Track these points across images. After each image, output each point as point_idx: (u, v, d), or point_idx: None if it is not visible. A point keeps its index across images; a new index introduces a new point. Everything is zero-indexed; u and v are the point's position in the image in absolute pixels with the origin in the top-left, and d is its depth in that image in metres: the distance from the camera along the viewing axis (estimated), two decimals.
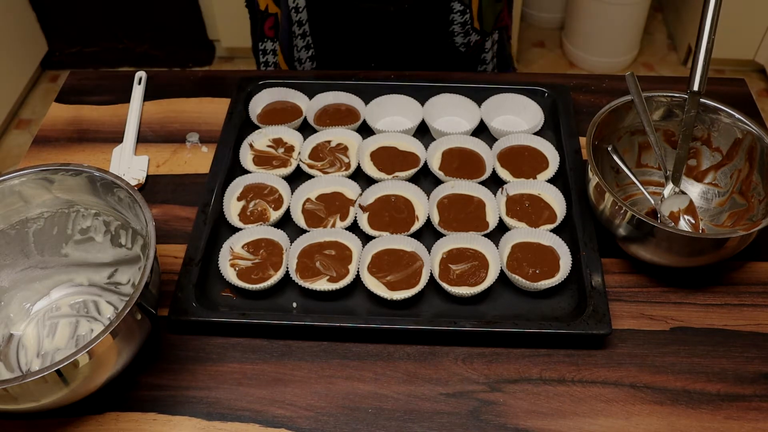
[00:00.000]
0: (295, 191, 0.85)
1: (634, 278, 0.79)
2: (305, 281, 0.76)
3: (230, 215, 0.83)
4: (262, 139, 0.92)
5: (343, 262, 0.78)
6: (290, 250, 0.79)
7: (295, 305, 0.76)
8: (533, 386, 0.70)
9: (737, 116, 0.81)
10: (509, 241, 0.80)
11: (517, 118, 0.96)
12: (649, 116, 0.81)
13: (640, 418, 0.68)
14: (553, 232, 0.80)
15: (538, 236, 0.80)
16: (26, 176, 0.72)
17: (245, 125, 0.95)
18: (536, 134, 0.92)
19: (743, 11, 2.21)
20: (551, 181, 0.86)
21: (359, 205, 0.83)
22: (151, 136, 0.97)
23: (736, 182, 0.83)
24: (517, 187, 0.85)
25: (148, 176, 0.92)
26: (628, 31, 2.40)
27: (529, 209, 0.83)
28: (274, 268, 0.78)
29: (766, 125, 0.86)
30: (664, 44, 2.62)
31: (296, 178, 0.88)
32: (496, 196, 0.84)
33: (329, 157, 0.90)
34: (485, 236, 0.79)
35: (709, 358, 0.72)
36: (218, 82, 1.05)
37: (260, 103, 0.97)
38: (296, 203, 0.84)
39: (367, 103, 0.95)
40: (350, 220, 0.82)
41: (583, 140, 0.90)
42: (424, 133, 0.94)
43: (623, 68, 2.50)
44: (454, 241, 0.79)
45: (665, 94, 0.84)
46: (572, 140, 0.90)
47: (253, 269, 0.78)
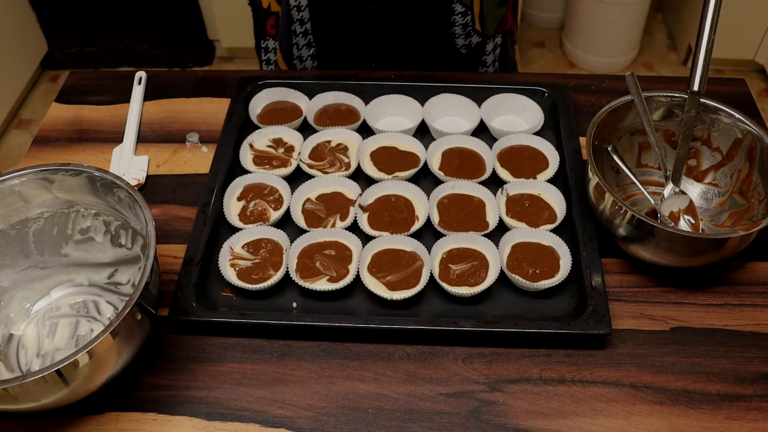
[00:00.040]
0: (295, 191, 0.85)
1: (634, 278, 0.79)
2: (305, 281, 0.76)
3: (230, 215, 0.83)
4: (262, 139, 0.92)
5: (343, 262, 0.78)
6: (290, 250, 0.79)
7: (295, 305, 0.76)
8: (533, 386, 0.70)
9: (737, 116, 0.81)
10: (509, 241, 0.80)
11: (517, 118, 0.96)
12: (649, 116, 0.81)
13: (640, 418, 0.68)
14: (553, 232, 0.80)
15: (538, 236, 0.80)
16: (26, 176, 0.72)
17: (245, 125, 0.95)
18: (536, 134, 0.92)
19: (743, 11, 2.20)
20: (551, 181, 0.86)
21: (359, 205, 0.83)
22: (151, 136, 0.97)
23: (736, 182, 0.83)
24: (517, 187, 0.85)
25: (148, 176, 0.92)
26: (628, 31, 2.40)
27: (529, 209, 0.83)
28: (274, 268, 0.78)
29: (766, 125, 0.85)
30: (664, 44, 2.62)
31: (296, 178, 0.88)
32: (496, 196, 0.84)
33: (329, 157, 0.90)
34: (485, 236, 0.79)
35: (709, 358, 0.72)
36: (218, 82, 1.05)
37: (260, 103, 0.97)
38: (296, 203, 0.84)
39: (367, 103, 0.95)
40: (350, 220, 0.82)
41: (583, 140, 0.90)
42: (424, 133, 0.94)
43: (623, 68, 2.50)
44: (454, 241, 0.79)
45: (665, 94, 0.84)
46: (572, 140, 0.90)
47: (253, 269, 0.78)
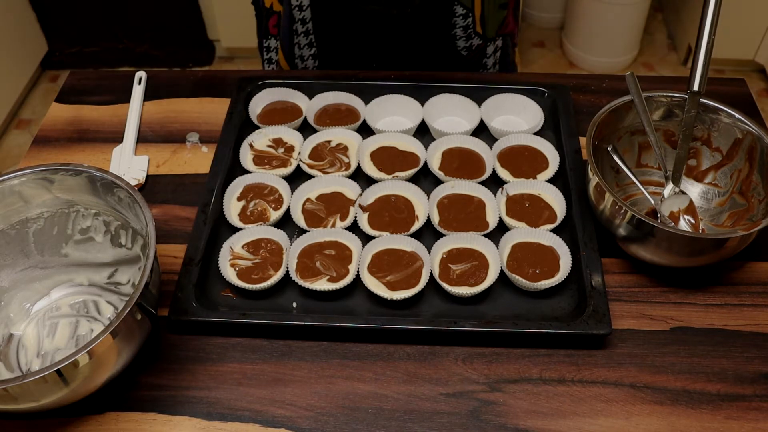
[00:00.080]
0: (295, 191, 0.85)
1: (634, 278, 0.79)
2: (305, 281, 0.76)
3: (230, 215, 0.83)
4: (262, 139, 0.92)
5: (343, 262, 0.78)
6: (290, 250, 0.79)
7: (295, 305, 0.76)
8: (533, 386, 0.70)
9: (737, 116, 0.81)
10: (509, 241, 0.80)
11: (517, 118, 0.96)
12: (649, 116, 0.81)
13: (640, 418, 0.68)
14: (553, 232, 0.80)
15: (538, 236, 0.80)
16: (26, 176, 0.72)
17: (245, 125, 0.95)
18: (536, 134, 0.92)
19: (743, 11, 2.20)
20: (551, 181, 0.86)
21: (359, 205, 0.83)
22: (151, 136, 0.97)
23: (736, 182, 0.83)
24: (517, 187, 0.85)
25: (148, 176, 0.92)
26: (628, 31, 2.40)
27: (529, 209, 0.83)
28: (274, 268, 0.78)
29: (766, 125, 0.86)
30: (664, 44, 2.62)
31: (296, 178, 0.88)
32: (496, 196, 0.84)
33: (329, 157, 0.90)
34: (485, 236, 0.79)
35: (709, 358, 0.72)
36: (218, 82, 1.05)
37: (260, 103, 0.97)
38: (296, 203, 0.84)
39: (367, 103, 0.95)
40: (350, 220, 0.82)
41: (583, 140, 0.90)
42: (424, 133, 0.94)
43: (623, 68, 2.50)
44: (454, 241, 0.79)
45: (665, 94, 0.84)
46: (572, 140, 0.90)
47: (253, 269, 0.78)
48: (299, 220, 0.83)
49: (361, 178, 0.88)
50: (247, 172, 0.89)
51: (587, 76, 1.04)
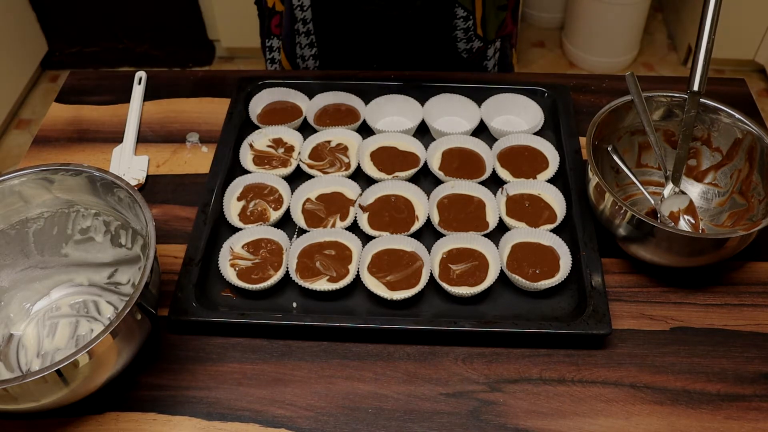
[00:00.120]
0: (295, 191, 0.85)
1: (634, 278, 0.79)
2: (305, 281, 0.76)
3: (230, 215, 0.83)
4: (262, 139, 0.92)
5: (343, 262, 0.78)
6: (290, 250, 0.79)
7: (295, 305, 0.76)
8: (533, 386, 0.70)
9: (737, 116, 0.81)
10: (509, 241, 0.80)
11: (517, 118, 0.96)
12: (649, 116, 0.81)
13: (640, 418, 0.68)
14: (553, 232, 0.80)
15: (538, 236, 0.80)
16: (26, 176, 0.72)
17: (245, 125, 0.95)
18: (536, 134, 0.92)
19: (743, 11, 2.20)
20: (551, 181, 0.86)
21: (359, 205, 0.83)
22: (151, 136, 0.97)
23: (736, 182, 0.83)
24: (517, 187, 0.85)
25: (148, 176, 0.92)
26: (628, 31, 2.40)
27: (529, 209, 0.83)
28: (274, 268, 0.78)
29: (766, 125, 0.86)
30: (664, 44, 2.62)
31: (296, 178, 0.88)
32: (496, 196, 0.84)
33: (329, 157, 0.90)
34: (485, 236, 0.79)
35: (709, 358, 0.72)
36: (218, 82, 1.05)
37: (260, 103, 0.97)
38: (296, 203, 0.84)
39: (367, 103, 0.95)
40: (350, 220, 0.82)
41: (583, 140, 0.90)
42: (424, 133, 0.94)
43: (623, 68, 2.50)
44: (454, 241, 0.79)
45: (665, 94, 0.84)
46: (572, 140, 0.90)
47: (253, 269, 0.78)
48: (299, 220, 0.83)
49: (361, 178, 0.88)
50: (247, 172, 0.89)
51: (587, 76, 1.04)
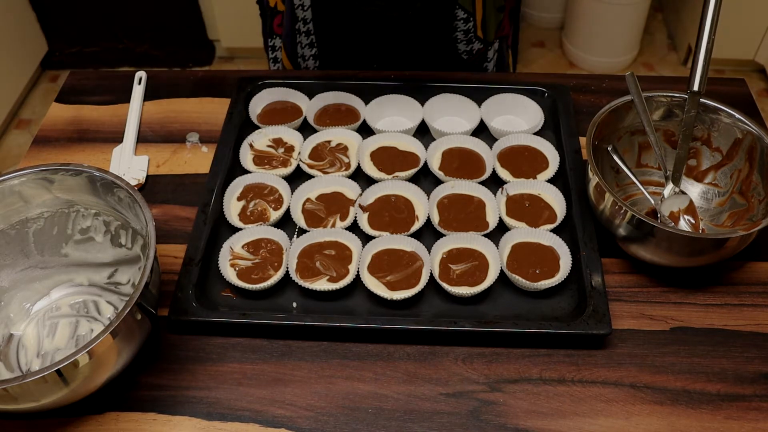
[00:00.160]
0: (295, 191, 0.85)
1: (634, 278, 0.79)
2: (305, 281, 0.76)
3: (230, 215, 0.83)
4: (262, 139, 0.92)
5: (343, 262, 0.78)
6: (290, 250, 0.79)
7: (295, 305, 0.76)
8: (533, 386, 0.70)
9: (737, 116, 0.81)
10: (509, 241, 0.80)
11: (517, 118, 0.96)
12: (649, 116, 0.81)
13: (640, 418, 0.68)
14: (553, 232, 0.80)
15: (538, 236, 0.80)
16: (26, 176, 0.72)
17: (245, 125, 0.95)
18: (536, 134, 0.92)
19: (743, 11, 2.20)
20: (551, 181, 0.86)
21: (359, 205, 0.83)
22: (151, 136, 0.97)
23: (736, 182, 0.83)
24: (517, 187, 0.85)
25: (148, 176, 0.92)
26: (628, 31, 2.40)
27: (529, 209, 0.83)
28: (274, 268, 0.78)
29: (766, 125, 0.86)
30: (664, 44, 2.62)
31: (296, 178, 0.88)
32: (496, 196, 0.84)
33: (329, 157, 0.90)
34: (485, 236, 0.79)
35: (709, 358, 0.72)
36: (218, 82, 1.05)
37: (260, 103, 0.97)
38: (296, 203, 0.84)
39: (367, 103, 0.95)
40: (350, 220, 0.82)
41: (583, 140, 0.90)
42: (424, 133, 0.94)
43: (623, 68, 2.50)
44: (454, 241, 0.79)
45: (665, 94, 0.84)
46: (572, 140, 0.90)
47: (253, 269, 0.78)
48: (299, 220, 0.83)
49: (361, 178, 0.88)
50: (247, 172, 0.89)
51: (587, 76, 1.04)
